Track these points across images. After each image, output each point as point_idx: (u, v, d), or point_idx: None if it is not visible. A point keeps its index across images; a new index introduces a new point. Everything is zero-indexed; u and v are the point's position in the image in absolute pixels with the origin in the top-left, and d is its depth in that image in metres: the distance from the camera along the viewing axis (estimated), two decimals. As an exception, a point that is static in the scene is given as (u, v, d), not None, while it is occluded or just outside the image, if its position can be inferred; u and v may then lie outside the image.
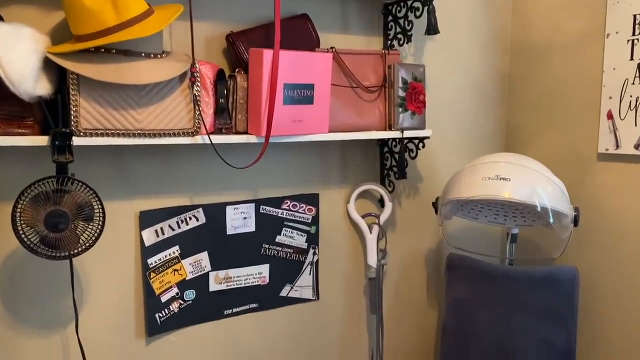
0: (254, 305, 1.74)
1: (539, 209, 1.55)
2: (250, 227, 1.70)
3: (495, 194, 1.54)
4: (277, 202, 1.73)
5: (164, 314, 1.58)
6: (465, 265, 1.84)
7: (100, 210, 1.29)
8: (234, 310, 1.71)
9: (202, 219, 1.61)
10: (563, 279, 1.70)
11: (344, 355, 1.89)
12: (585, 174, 1.83)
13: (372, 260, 1.84)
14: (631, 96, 1.68)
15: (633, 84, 1.67)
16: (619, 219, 1.75)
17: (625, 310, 1.75)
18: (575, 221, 1.61)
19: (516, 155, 1.66)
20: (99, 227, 1.29)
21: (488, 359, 1.73)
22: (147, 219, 1.53)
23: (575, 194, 1.83)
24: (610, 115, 1.74)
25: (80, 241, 1.27)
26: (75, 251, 1.28)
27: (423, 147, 1.76)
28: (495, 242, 2.13)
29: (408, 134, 1.69)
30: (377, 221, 1.86)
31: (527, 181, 1.56)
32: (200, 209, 1.61)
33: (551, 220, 1.58)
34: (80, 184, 1.26)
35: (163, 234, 1.56)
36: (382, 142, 1.86)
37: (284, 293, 1.78)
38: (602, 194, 1.79)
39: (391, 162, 1.84)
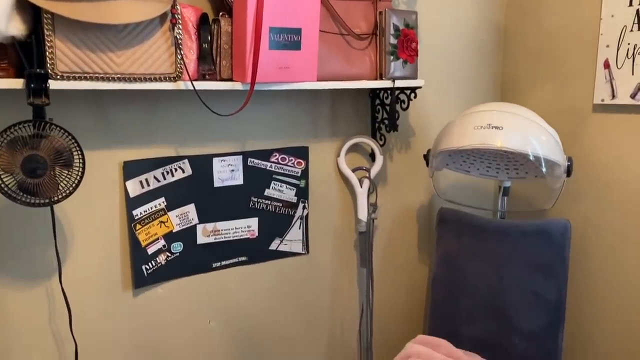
0: (243, 259, 1.72)
1: (531, 158, 1.51)
2: (238, 179, 1.67)
3: (487, 142, 1.51)
4: (265, 154, 1.69)
5: (151, 266, 1.56)
6: (457, 219, 1.82)
7: (80, 156, 1.25)
8: (223, 263, 1.69)
9: (188, 171, 1.58)
10: (555, 231, 1.68)
11: (334, 309, 1.89)
12: (579, 125, 1.80)
13: (363, 214, 1.82)
14: (629, 44, 1.63)
15: (631, 31, 1.62)
16: (613, 170, 1.72)
17: (616, 262, 1.74)
18: (568, 171, 1.59)
19: (509, 104, 1.62)
20: (79, 173, 1.26)
21: (478, 312, 1.73)
22: (131, 169, 1.50)
23: (570, 146, 1.80)
24: (607, 65, 1.69)
25: (60, 188, 1.24)
26: (55, 198, 1.25)
27: (415, 97, 1.71)
28: (487, 196, 2.11)
29: (399, 83, 1.64)
30: (367, 175, 1.83)
31: (520, 130, 1.52)
32: (186, 160, 1.57)
33: (544, 170, 1.55)
34: (58, 128, 1.22)
35: (148, 185, 1.53)
36: (374, 94, 1.82)
37: (273, 247, 1.76)
38: (597, 146, 1.76)
39: (382, 114, 1.80)
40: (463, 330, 1.75)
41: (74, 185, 1.26)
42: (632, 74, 1.63)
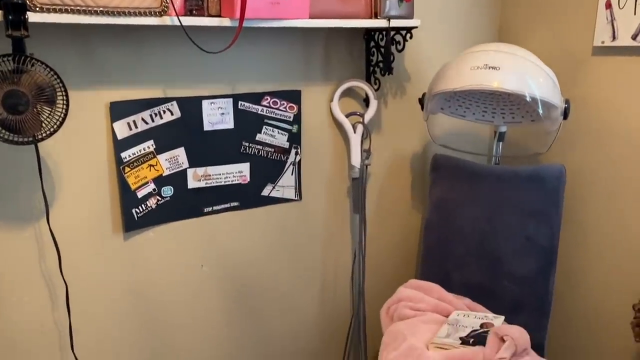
0: (234, 204, 1.70)
1: (528, 99, 1.48)
2: (229, 123, 1.63)
3: (484, 83, 1.47)
4: (256, 97, 1.65)
5: (141, 210, 1.55)
6: (451, 165, 1.80)
7: (63, 92, 1.22)
8: (214, 208, 1.67)
9: (177, 113, 1.54)
10: (549, 176, 1.67)
11: (327, 255, 1.89)
12: (579, 68, 1.76)
13: (356, 160, 1.79)
14: (633, -18, 1.57)
15: (636, -32, 1.56)
16: (611, 114, 1.70)
17: (610, 208, 1.74)
18: (565, 114, 1.56)
19: (507, 44, 1.58)
20: (63, 110, 1.22)
21: (470, 257, 1.73)
22: (118, 110, 1.46)
23: (568, 89, 1.76)
24: (608, 5, 1.64)
25: (43, 125, 1.21)
26: (39, 136, 1.21)
27: (411, 37, 1.66)
28: (482, 142, 2.08)
29: (395, 23, 1.59)
30: (361, 120, 1.79)
31: (518, 70, 1.48)
32: (175, 102, 1.53)
33: (540, 112, 1.52)
34: (39, 63, 1.18)
35: (136, 127, 1.50)
36: (368, 36, 1.76)
37: (265, 192, 1.74)
38: (595, 89, 1.73)
39: (377, 57, 1.75)
40: (455, 275, 1.75)
41: (58, 123, 1.23)
42: (634, 14, 1.58)
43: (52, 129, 1.22)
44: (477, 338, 1.45)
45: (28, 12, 1.15)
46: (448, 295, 1.68)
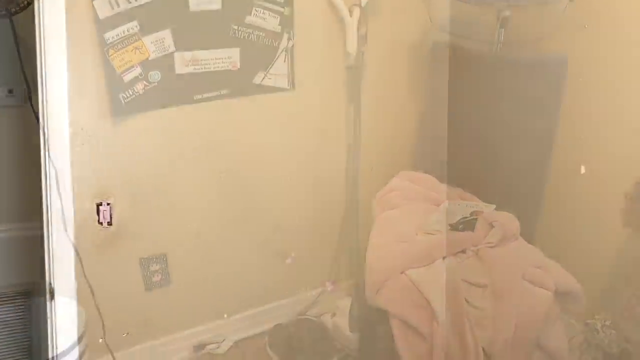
0: (225, 92, 1.66)
1: (534, -24, 1.38)
2: (216, 3, 1.55)
3: (488, -43, 1.36)
4: (245, -25, 1.56)
5: (129, 95, 1.50)
6: (451, 53, 1.73)
7: (33, -39, 1.13)
8: (204, 95, 1.63)
9: (161, -8, 1.46)
10: (552, 65, 1.61)
11: (320, 147, 1.86)
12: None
13: (352, 47, 1.72)
14: None
15: None
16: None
17: (612, 96, 1.68)
18: (573, -7, 1.46)
19: None
20: (34, -19, 1.15)
21: (468, 147, 1.71)
22: (97, -14, 1.38)
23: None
24: None
25: (15, -3, 1.14)
26: (13, 9, 1.15)
27: None
28: (485, 30, 1.97)
29: None
30: (358, 2, 1.69)
31: (525, -57, 1.37)
32: (158, -22, 1.44)
33: (547, -11, 1.43)
34: None
35: (118, 6, 1.42)
36: None
37: (257, 80, 1.69)
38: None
39: None
40: (450, 165, 1.74)
41: (30, -5, 1.16)
42: None
43: (25, 2, 1.16)
44: (466, 224, 1.47)
45: None
46: (440, 185, 1.69)
